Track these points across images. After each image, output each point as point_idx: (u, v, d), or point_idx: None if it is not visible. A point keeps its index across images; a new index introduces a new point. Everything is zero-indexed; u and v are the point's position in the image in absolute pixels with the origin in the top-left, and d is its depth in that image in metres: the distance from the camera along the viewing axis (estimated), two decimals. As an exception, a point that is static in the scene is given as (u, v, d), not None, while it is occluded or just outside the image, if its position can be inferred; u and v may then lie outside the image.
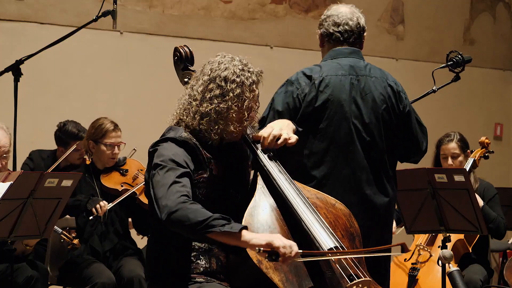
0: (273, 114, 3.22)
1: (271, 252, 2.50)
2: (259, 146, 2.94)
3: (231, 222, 2.55)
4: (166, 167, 2.69)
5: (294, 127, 3.05)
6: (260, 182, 2.88)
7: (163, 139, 2.81)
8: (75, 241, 4.58)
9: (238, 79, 2.80)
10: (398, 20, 7.66)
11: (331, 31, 3.39)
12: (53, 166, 4.84)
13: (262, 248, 2.50)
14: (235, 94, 2.79)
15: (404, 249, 2.65)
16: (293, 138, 2.94)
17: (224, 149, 2.87)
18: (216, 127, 2.79)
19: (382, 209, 3.29)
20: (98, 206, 4.53)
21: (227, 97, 2.79)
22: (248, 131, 2.95)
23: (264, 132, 2.94)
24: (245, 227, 2.55)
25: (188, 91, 2.89)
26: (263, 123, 3.18)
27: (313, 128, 3.22)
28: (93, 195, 4.71)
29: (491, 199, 4.92)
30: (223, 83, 2.80)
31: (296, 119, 3.20)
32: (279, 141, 2.91)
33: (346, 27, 3.37)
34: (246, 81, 2.81)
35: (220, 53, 2.91)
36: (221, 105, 2.79)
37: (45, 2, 6.05)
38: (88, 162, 4.93)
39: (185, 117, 2.85)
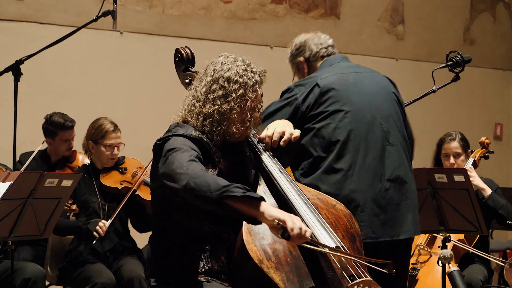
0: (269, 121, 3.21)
1: (286, 229, 2.47)
2: (260, 146, 2.94)
3: (251, 191, 2.51)
4: (182, 149, 2.66)
5: (292, 125, 3.04)
6: (261, 183, 2.88)
7: (174, 135, 2.77)
8: (73, 207, 4.57)
9: (241, 80, 2.80)
10: (398, 20, 7.67)
11: (316, 49, 3.50)
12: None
13: (280, 222, 2.47)
14: (237, 94, 2.78)
15: (389, 269, 2.66)
16: (296, 132, 2.96)
17: (228, 149, 2.87)
18: (219, 128, 2.79)
19: (413, 188, 3.28)
20: (98, 228, 4.53)
21: (229, 97, 2.78)
22: (251, 133, 2.95)
23: (268, 132, 2.95)
24: (263, 199, 2.52)
25: (191, 92, 2.88)
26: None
27: (327, 124, 3.22)
28: (92, 195, 4.71)
29: (493, 192, 4.92)
30: (226, 84, 2.79)
31: (299, 122, 3.22)
32: (284, 137, 2.92)
33: (327, 43, 3.53)
34: (249, 81, 2.81)
35: (223, 53, 2.90)
36: (223, 106, 2.78)
37: (45, 2, 6.05)
38: (86, 162, 4.94)
39: (189, 118, 2.85)
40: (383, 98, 3.34)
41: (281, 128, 2.96)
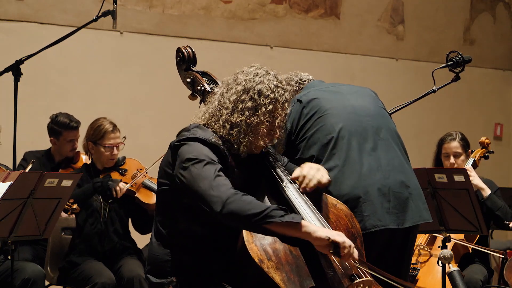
0: None
1: (337, 246, 2.52)
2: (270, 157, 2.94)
3: (288, 213, 2.54)
4: (204, 161, 2.66)
5: (326, 170, 3.00)
6: (263, 185, 2.88)
7: (193, 138, 2.76)
8: (74, 206, 4.57)
9: (272, 95, 2.79)
10: (398, 20, 7.67)
11: (296, 86, 3.55)
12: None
13: (332, 239, 2.51)
14: (267, 109, 2.78)
15: None
16: (325, 178, 2.92)
17: (244, 160, 2.86)
18: (246, 139, 2.78)
19: (412, 178, 3.28)
20: (118, 188, 4.56)
21: (259, 111, 2.77)
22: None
23: (301, 172, 2.91)
24: (302, 218, 2.55)
25: (217, 97, 2.86)
26: None
27: (316, 129, 3.26)
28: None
29: (493, 193, 4.92)
30: (256, 96, 2.78)
31: (291, 139, 3.29)
32: (312, 183, 2.87)
33: (307, 78, 3.58)
34: (279, 98, 2.80)
35: (254, 64, 2.89)
36: (251, 118, 2.77)
37: (45, 2, 6.05)
38: (88, 162, 4.94)
39: (213, 124, 2.83)
40: (366, 100, 3.40)
41: (314, 171, 2.91)
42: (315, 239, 2.55)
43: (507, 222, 4.77)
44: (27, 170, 4.61)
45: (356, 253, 2.58)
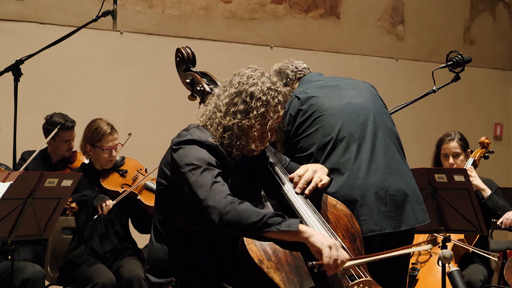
0: None
1: (321, 266, 2.53)
2: (268, 155, 2.94)
3: (286, 219, 2.54)
4: (201, 167, 2.66)
5: (327, 170, 2.97)
6: (263, 185, 2.88)
7: (191, 140, 2.75)
8: (73, 205, 4.56)
9: (264, 98, 2.76)
10: (398, 20, 7.67)
11: (292, 74, 3.54)
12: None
13: (314, 262, 2.53)
14: (259, 112, 2.75)
15: (434, 242, 2.70)
16: (325, 179, 2.88)
17: (244, 160, 2.86)
18: (238, 143, 2.77)
19: (409, 180, 3.27)
20: (104, 204, 4.54)
21: (250, 114, 2.75)
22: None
23: (299, 171, 2.89)
24: (301, 221, 2.56)
25: (214, 99, 2.85)
26: None
27: (315, 129, 3.25)
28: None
29: (493, 193, 4.92)
30: (248, 99, 2.76)
31: (289, 137, 3.27)
32: (309, 187, 2.84)
33: (302, 67, 3.57)
34: (271, 100, 2.77)
35: (251, 65, 2.86)
36: (243, 122, 2.75)
37: (45, 2, 6.06)
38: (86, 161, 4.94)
39: (209, 126, 2.82)
40: (365, 97, 3.38)
41: (311, 173, 2.87)
42: (309, 244, 2.55)
43: (495, 221, 4.76)
44: (32, 157, 4.59)
45: (343, 260, 2.54)
